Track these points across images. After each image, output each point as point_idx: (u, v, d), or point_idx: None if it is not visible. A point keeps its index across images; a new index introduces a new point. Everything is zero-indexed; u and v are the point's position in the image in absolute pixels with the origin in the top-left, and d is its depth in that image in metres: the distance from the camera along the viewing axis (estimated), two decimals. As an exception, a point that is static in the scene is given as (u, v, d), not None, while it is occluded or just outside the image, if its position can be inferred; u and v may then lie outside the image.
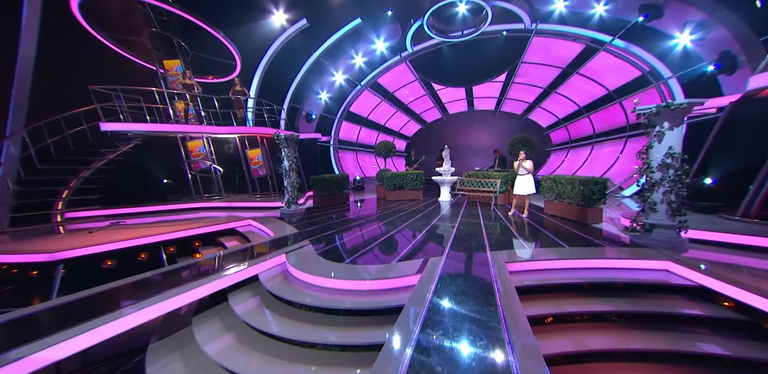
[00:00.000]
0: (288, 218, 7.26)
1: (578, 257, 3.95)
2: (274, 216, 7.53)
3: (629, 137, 11.02)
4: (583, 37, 10.58)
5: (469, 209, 8.19)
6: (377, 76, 14.00)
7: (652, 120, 4.39)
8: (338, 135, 14.66)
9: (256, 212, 8.02)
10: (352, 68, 13.21)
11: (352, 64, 12.99)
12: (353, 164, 15.79)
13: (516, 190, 6.86)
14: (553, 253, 4.18)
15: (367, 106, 15.21)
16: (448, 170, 9.79)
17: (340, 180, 9.25)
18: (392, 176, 9.91)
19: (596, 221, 6.08)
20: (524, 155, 6.73)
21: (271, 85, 11.25)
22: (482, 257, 4.06)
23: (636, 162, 4.76)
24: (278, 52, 10.71)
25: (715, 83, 8.53)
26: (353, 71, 13.31)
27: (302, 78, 11.98)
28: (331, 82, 13.06)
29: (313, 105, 12.99)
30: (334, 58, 12.26)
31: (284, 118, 11.91)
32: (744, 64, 7.40)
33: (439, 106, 16.42)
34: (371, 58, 13.18)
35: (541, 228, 5.77)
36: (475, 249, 4.42)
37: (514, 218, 6.85)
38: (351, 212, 8.10)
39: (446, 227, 6.01)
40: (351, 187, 13.99)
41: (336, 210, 8.25)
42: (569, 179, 6.51)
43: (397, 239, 5.19)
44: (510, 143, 9.03)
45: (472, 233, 5.42)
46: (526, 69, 12.45)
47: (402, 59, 13.40)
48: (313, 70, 12.09)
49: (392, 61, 13.57)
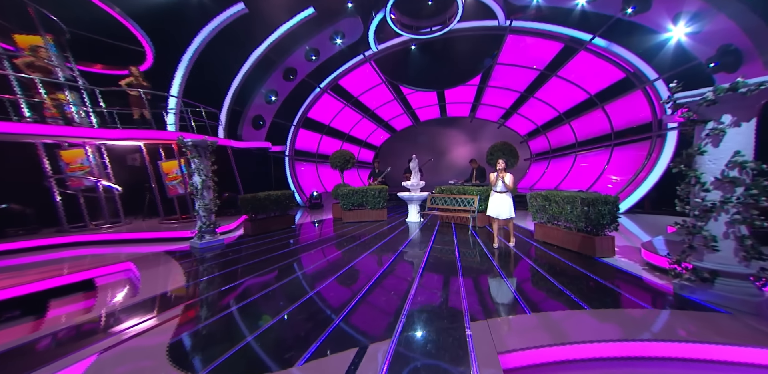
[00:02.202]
0: (197, 255, 5.16)
1: (622, 340, 2.26)
2: (184, 250, 5.41)
3: (615, 146, 9.99)
4: (561, 35, 9.58)
5: (442, 234, 6.47)
6: (338, 77, 12.37)
7: (701, 113, 2.91)
8: (294, 144, 12.71)
9: (163, 245, 5.84)
10: (309, 68, 11.48)
11: (308, 63, 11.26)
12: (312, 177, 13.81)
13: (491, 211, 5.23)
14: (572, 324, 2.48)
15: (329, 111, 13.49)
16: (416, 184, 8.11)
17: (282, 199, 7.25)
18: (349, 192, 8.07)
19: (607, 254, 4.52)
20: (503, 165, 5.16)
21: (203, 83, 9.23)
22: (458, 337, 2.29)
23: (619, 172, 3.30)
24: (212, 43, 8.77)
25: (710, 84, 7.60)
26: (310, 71, 11.57)
27: (247, 76, 10.06)
28: (285, 83, 11.21)
29: (262, 109, 11.03)
30: (286, 55, 10.49)
31: (222, 123, 9.86)
32: (751, 58, 6.43)
33: (408, 112, 15.02)
34: (330, 57, 11.54)
35: (538, 268, 4.10)
36: (448, 319, 2.65)
37: (500, 248, 5.19)
38: (290, 242, 6.10)
39: (407, 270, 4.19)
40: (307, 204, 11.95)
41: (270, 240, 6.22)
42: (568, 197, 4.97)
43: (326, 299, 3.28)
44: (489, 151, 7.55)
45: (444, 282, 3.64)
46: (501, 71, 11.34)
47: (366, 59, 11.90)
48: (260, 67, 10.22)
49: (355, 62, 12.02)
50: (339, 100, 13.23)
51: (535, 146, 13.72)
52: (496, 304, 3.03)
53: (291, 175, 12.33)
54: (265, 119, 11.20)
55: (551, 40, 9.75)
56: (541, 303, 3.03)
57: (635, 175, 8.92)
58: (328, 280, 3.81)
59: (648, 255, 4.12)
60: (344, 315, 2.84)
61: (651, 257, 4.04)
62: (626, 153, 9.65)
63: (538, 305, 2.96)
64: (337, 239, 6.26)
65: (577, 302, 2.97)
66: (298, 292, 3.46)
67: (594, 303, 2.95)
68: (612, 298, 3.12)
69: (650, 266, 3.99)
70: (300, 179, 12.78)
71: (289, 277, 4.01)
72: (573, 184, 10.71)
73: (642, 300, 3.01)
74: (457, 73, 12.03)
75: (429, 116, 15.66)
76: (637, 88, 9.15)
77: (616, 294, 3.23)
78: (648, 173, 8.72)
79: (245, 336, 2.55)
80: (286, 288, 3.65)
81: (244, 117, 10.58)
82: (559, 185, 11.15)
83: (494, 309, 2.92)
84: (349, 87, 13.00)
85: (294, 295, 3.37)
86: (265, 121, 11.17)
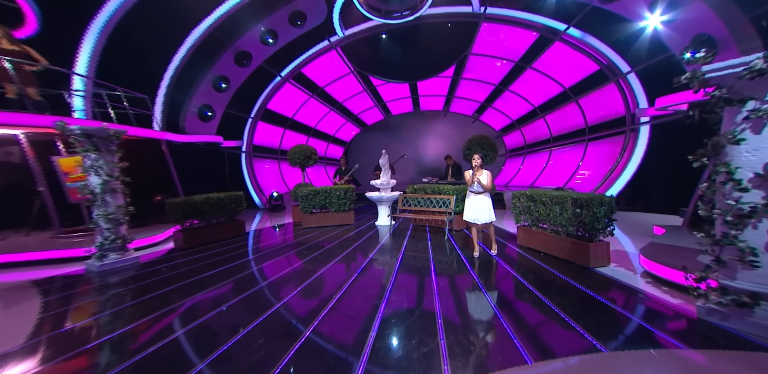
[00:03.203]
0: (95, 280, 3.90)
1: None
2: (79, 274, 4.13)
3: (589, 141, 9.76)
4: (536, 24, 9.11)
5: (415, 240, 5.66)
6: (301, 65, 11.15)
7: (737, 90, 2.26)
8: (253, 139, 11.34)
9: (56, 268, 4.48)
10: (266, 53, 10.14)
11: (264, 47, 9.91)
12: (274, 176, 12.50)
13: (467, 215, 4.48)
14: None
15: (292, 103, 12.22)
16: (387, 183, 7.24)
17: (226, 203, 6.04)
18: (310, 193, 7.02)
19: (602, 263, 3.93)
20: (480, 161, 4.40)
21: (131, 64, 7.67)
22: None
23: (594, 167, 2.71)
24: (136, 12, 7.18)
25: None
26: (268, 57, 10.25)
27: (188, 58, 8.55)
28: (238, 70, 9.79)
29: (210, 98, 9.55)
30: (236, 36, 9.11)
31: (157, 113, 8.33)
32: (728, 47, 6.18)
33: (380, 105, 14.11)
34: (291, 42, 10.27)
35: (529, 285, 3.38)
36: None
37: (480, 257, 4.46)
38: (232, 255, 4.97)
39: (373, 290, 3.29)
40: (267, 206, 10.68)
41: (208, 254, 5.06)
42: (556, 197, 4.32)
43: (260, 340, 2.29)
44: (465, 145, 6.84)
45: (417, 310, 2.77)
46: (475, 62, 10.75)
47: (331, 46, 10.79)
48: (205, 48, 8.76)
49: (319, 48, 10.87)
50: (303, 90, 12.01)
51: (510, 142, 13.41)
52: (485, 348, 2.22)
53: (248, 173, 10.97)
54: (215, 110, 9.75)
55: (526, 29, 9.26)
56: (541, 338, 2.27)
57: (610, 171, 8.70)
58: (264, 314, 2.81)
59: (648, 264, 3.55)
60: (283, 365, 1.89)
61: (652, 267, 3.46)
62: (601, 148, 9.44)
63: (539, 343, 2.19)
64: (293, 250, 5.24)
65: (587, 337, 2.24)
66: (222, 334, 2.43)
67: (606, 336, 2.24)
68: (625, 329, 2.43)
69: (653, 278, 3.40)
70: (259, 178, 11.45)
71: (216, 307, 2.96)
72: (549, 180, 10.42)
73: (664, 331, 2.34)
74: (430, 63, 11.28)
75: (401, 110, 14.86)
76: (611, 82, 8.91)
77: (627, 321, 2.56)
78: (623, 168, 8.52)
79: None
80: (212, 324, 2.60)
81: (188, 106, 9.08)
82: (535, 182, 10.83)
83: (482, 356, 2.11)
84: (313, 76, 11.83)
85: (219, 337, 2.34)
86: (215, 112, 9.72)
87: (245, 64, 9.57)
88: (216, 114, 9.70)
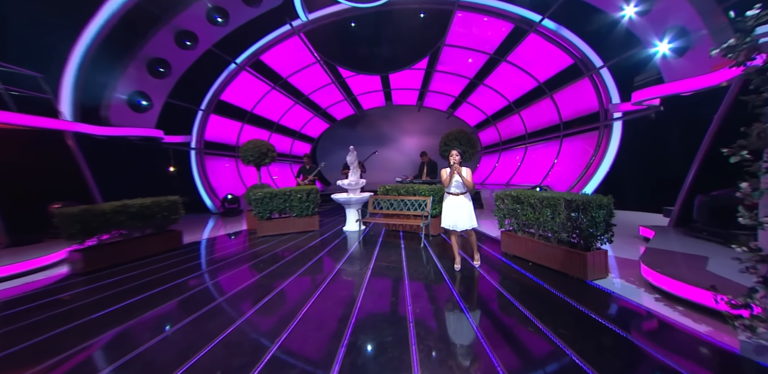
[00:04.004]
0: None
1: None
2: None
3: (564, 137, 9.57)
4: (511, 14, 8.67)
5: (387, 249, 4.90)
6: (260, 52, 9.93)
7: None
8: (204, 134, 9.96)
9: None
10: (216, 34, 8.80)
11: (213, 28, 8.56)
12: (231, 176, 11.16)
13: (446, 221, 3.81)
14: None
15: (251, 94, 10.95)
16: (355, 183, 6.42)
17: (152, 210, 4.84)
18: (266, 196, 6.02)
19: (600, 275, 3.40)
20: (458, 158, 3.73)
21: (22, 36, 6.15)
22: None
23: (569, 164, 2.22)
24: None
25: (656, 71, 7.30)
26: (218, 40, 8.92)
27: (109, 33, 6.99)
28: (180, 52, 8.36)
29: (145, 84, 8.05)
30: (175, 11, 7.72)
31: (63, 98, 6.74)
32: (702, 41, 6.02)
33: (350, 99, 13.17)
34: (246, 24, 9.03)
35: (521, 306, 2.73)
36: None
37: (462, 270, 3.80)
38: (158, 277, 3.90)
39: (331, 317, 2.45)
40: (220, 211, 9.42)
41: (121, 278, 3.94)
42: (547, 199, 3.74)
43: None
44: (442, 141, 6.16)
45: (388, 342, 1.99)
46: (449, 54, 10.18)
47: (294, 31, 9.68)
48: (132, 22, 7.24)
49: (280, 33, 9.71)
50: (263, 81, 10.77)
51: (486, 138, 13.09)
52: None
53: (199, 173, 9.61)
54: (153, 99, 8.30)
55: (501, 19, 8.80)
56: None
57: (586, 167, 8.51)
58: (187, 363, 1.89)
59: (653, 276, 3.05)
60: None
61: (659, 280, 2.96)
62: (575, 144, 9.27)
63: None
64: (241, 265, 4.28)
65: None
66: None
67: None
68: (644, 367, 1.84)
69: (663, 295, 2.90)
70: (213, 178, 10.11)
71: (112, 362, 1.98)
72: (525, 178, 10.16)
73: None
74: (403, 54, 10.55)
75: (373, 104, 14.03)
76: (585, 76, 8.71)
77: (645, 357, 1.97)
78: (598, 165, 8.35)
79: None
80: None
81: (112, 92, 7.59)
82: (511, 179, 10.54)
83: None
84: (275, 65, 10.63)
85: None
86: (152, 101, 8.27)
87: (190, 46, 8.21)
88: (154, 104, 8.26)
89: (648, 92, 6.62)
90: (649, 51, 7.20)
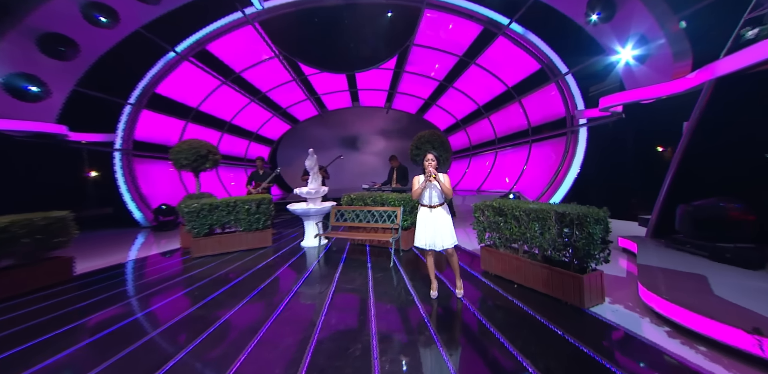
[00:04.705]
0: None
1: None
2: None
3: (533, 142, 9.52)
4: (480, 16, 8.45)
5: (350, 270, 4.13)
6: (206, 40, 8.70)
7: None
8: (133, 133, 8.44)
9: None
10: (145, 14, 7.32)
11: (140, 5, 7.08)
12: (172, 182, 9.66)
13: (420, 240, 3.16)
14: None
15: (196, 89, 9.61)
16: (316, 191, 5.58)
17: (14, 232, 3.52)
18: (203, 208, 4.96)
19: (596, 301, 2.93)
20: (434, 162, 3.12)
21: None
22: None
23: (539, 170, 1.87)
24: None
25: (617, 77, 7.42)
26: (150, 21, 7.53)
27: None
28: (91, 30, 6.70)
29: (36, 65, 6.34)
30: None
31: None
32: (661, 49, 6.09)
33: (313, 98, 12.25)
34: (187, 5, 7.76)
35: (512, 348, 2.12)
36: None
37: (439, 298, 3.15)
38: (18, 330, 2.74)
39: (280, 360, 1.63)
40: (153, 224, 7.97)
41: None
42: (535, 211, 3.23)
43: None
44: (414, 143, 5.51)
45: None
46: (418, 54, 9.76)
47: (247, 19, 8.62)
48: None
49: (231, 20, 8.60)
50: (212, 74, 9.51)
51: (456, 142, 12.86)
52: None
53: (126, 179, 8.07)
54: (51, 86, 6.61)
55: (470, 20, 8.54)
56: None
57: (555, 173, 8.45)
58: None
59: (659, 304, 2.62)
60: None
61: (668, 310, 2.52)
62: (544, 150, 9.25)
63: None
64: (168, 296, 3.23)
65: None
66: None
67: None
68: None
69: (676, 329, 2.45)
70: (144, 185, 8.60)
71: None
72: (495, 184, 9.97)
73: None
74: (369, 52, 9.93)
75: (339, 105, 13.22)
76: (552, 82, 8.71)
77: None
78: (566, 171, 8.32)
79: None
80: None
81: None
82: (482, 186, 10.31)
83: None
84: (226, 57, 9.43)
85: None
86: (48, 88, 6.56)
87: (106, 23, 6.64)
88: (53, 92, 6.60)
89: (614, 98, 6.61)
90: (611, 58, 7.31)
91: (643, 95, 6.13)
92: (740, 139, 3.95)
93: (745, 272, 3.14)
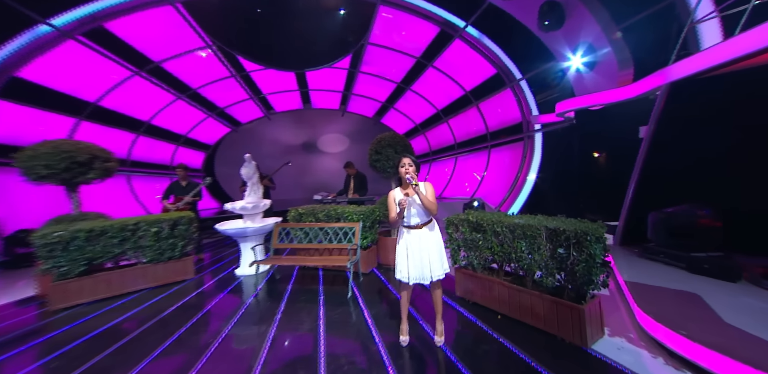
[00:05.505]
0: None
1: None
2: None
3: (492, 147, 9.46)
4: (437, 17, 8.16)
5: (298, 305, 3.21)
6: (103, 16, 6.78)
7: None
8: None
9: None
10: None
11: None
12: (50, 199, 7.39)
13: (404, 272, 2.42)
14: None
15: (92, 78, 7.64)
16: (255, 206, 4.53)
17: None
18: (76, 238, 3.59)
19: (597, 335, 2.44)
20: (411, 167, 2.49)
21: None
22: None
23: (498, 175, 2.56)
24: None
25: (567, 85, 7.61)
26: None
27: None
28: None
29: None
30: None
31: None
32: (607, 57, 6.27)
33: (257, 98, 10.90)
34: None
35: None
36: None
37: (412, 347, 2.41)
38: None
39: None
40: (3, 258, 5.87)
41: None
42: (521, 227, 2.69)
43: None
44: (373, 147, 4.72)
45: None
46: (374, 54, 9.16)
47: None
48: None
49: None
50: (116, 61, 7.64)
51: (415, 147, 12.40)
52: None
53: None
54: None
55: (427, 21, 8.21)
56: None
57: (515, 179, 8.39)
58: None
59: (669, 338, 2.19)
60: None
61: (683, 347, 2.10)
62: (503, 155, 9.22)
63: None
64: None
65: None
66: None
67: None
68: None
69: (697, 371, 2.02)
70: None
71: None
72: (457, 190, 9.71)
73: None
74: (321, 49, 9.07)
75: (287, 106, 12.01)
76: (507, 87, 8.73)
77: None
78: (525, 177, 8.31)
79: None
80: None
81: None
82: (444, 192, 9.98)
83: None
84: (136, 41, 7.65)
85: None
86: None
87: None
88: None
89: (571, 103, 6.67)
90: (563, 65, 7.48)
91: (599, 100, 6.20)
92: (700, 142, 3.94)
93: (728, 286, 2.95)
